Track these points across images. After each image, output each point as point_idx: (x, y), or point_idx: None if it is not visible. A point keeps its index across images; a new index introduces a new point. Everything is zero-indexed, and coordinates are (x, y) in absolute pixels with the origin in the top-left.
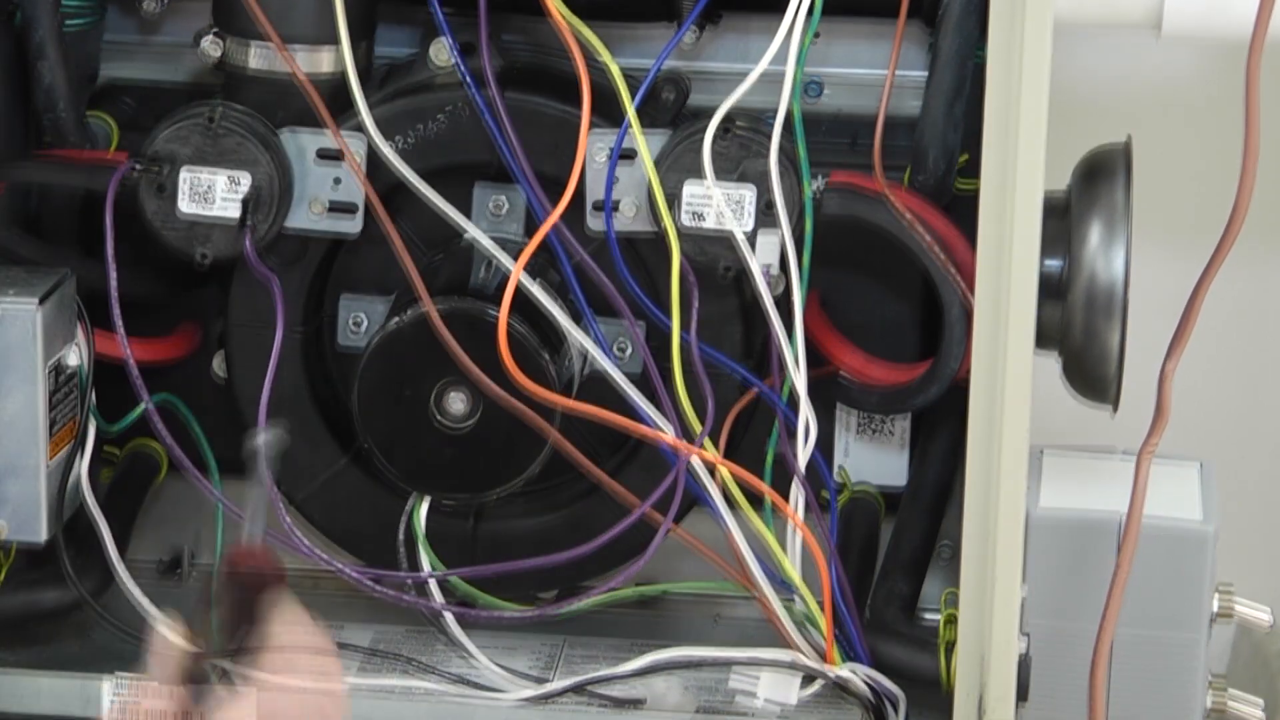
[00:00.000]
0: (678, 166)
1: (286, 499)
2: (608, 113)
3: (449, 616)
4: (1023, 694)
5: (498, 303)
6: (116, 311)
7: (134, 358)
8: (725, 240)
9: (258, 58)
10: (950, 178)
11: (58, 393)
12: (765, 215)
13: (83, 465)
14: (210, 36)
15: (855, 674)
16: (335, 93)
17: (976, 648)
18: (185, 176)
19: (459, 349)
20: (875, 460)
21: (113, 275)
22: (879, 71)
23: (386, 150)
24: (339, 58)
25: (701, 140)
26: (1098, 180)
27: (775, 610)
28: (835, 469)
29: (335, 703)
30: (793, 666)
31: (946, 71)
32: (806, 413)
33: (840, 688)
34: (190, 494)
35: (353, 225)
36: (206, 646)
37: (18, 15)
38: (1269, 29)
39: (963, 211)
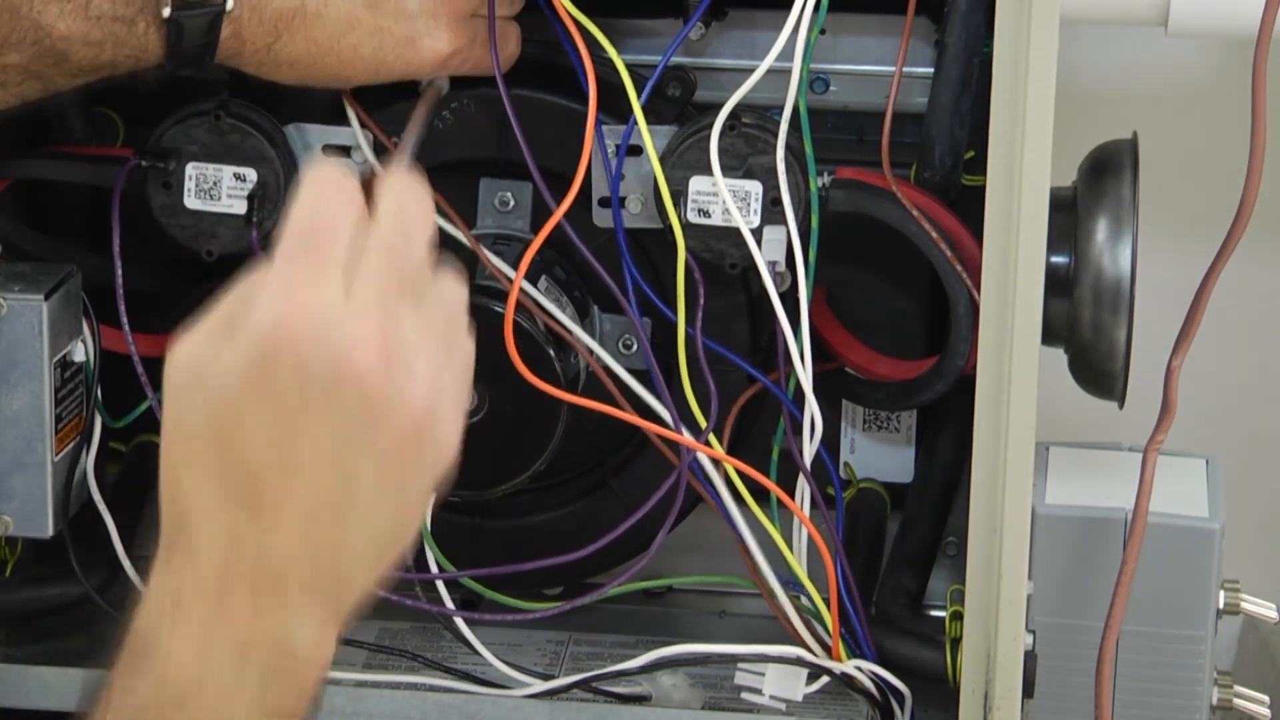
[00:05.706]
0: (684, 162)
1: None
2: (614, 108)
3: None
4: (1029, 690)
5: (504, 297)
6: (122, 307)
7: (140, 353)
8: (731, 236)
9: None
10: (957, 173)
11: (64, 388)
12: (772, 211)
13: (89, 460)
14: None
15: (861, 670)
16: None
17: (982, 644)
18: (191, 172)
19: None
20: (881, 456)
21: (119, 270)
22: (886, 67)
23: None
24: None
25: (708, 136)
26: (1104, 175)
27: (781, 606)
28: (841, 464)
29: None
30: (798, 662)
31: (953, 67)
32: (812, 408)
33: (846, 683)
34: None
35: None
36: None
37: None
38: (1276, 23)
39: (969, 207)
